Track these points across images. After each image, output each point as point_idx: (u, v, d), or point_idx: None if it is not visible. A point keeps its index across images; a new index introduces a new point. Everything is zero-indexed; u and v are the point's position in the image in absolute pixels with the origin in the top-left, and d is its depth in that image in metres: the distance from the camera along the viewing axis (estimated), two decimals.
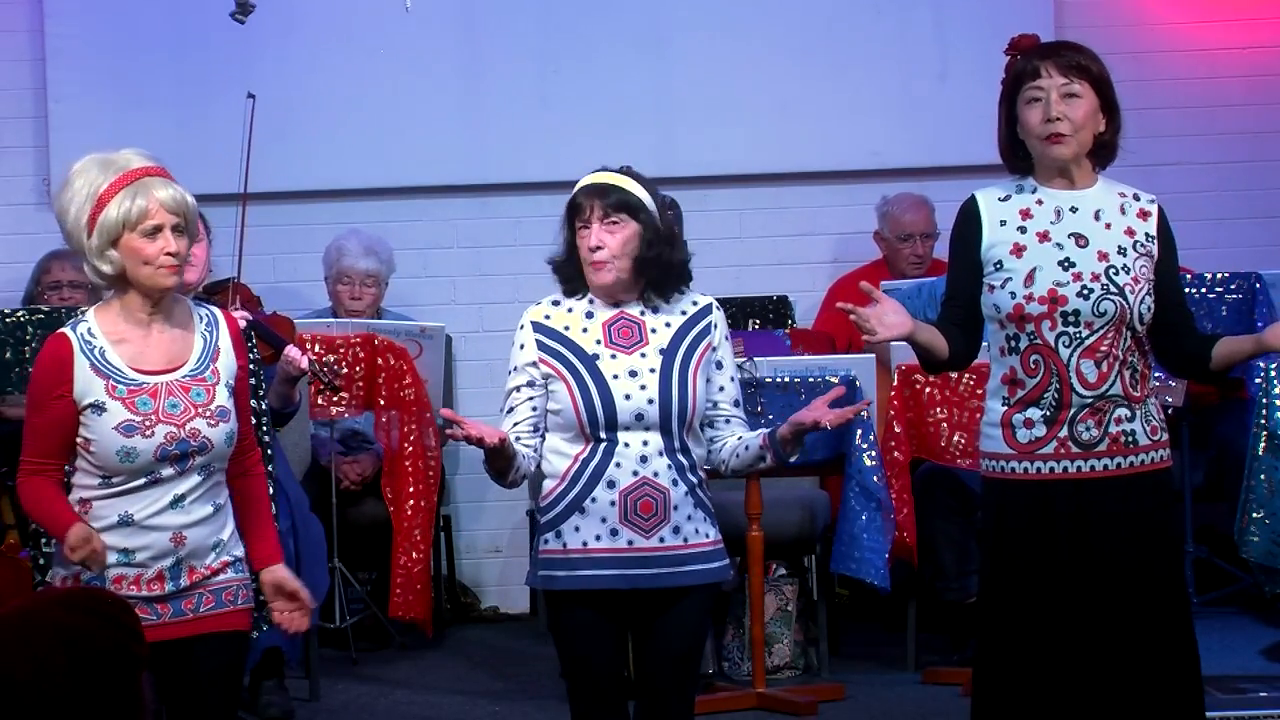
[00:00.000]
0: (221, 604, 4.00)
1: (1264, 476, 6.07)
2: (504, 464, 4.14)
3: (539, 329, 4.19)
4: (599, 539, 4.11)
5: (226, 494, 4.05)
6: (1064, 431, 4.05)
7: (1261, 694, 5.70)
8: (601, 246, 4.14)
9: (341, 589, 6.80)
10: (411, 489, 6.67)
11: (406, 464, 6.69)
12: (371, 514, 6.90)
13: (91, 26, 7.74)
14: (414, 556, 6.62)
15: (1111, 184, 4.17)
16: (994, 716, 4.11)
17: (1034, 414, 4.07)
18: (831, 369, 6.20)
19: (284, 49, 7.70)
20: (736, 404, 4.25)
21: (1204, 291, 6.70)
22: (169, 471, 3.92)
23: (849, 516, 6.11)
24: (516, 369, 4.20)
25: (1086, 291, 4.03)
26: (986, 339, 4.19)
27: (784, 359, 6.36)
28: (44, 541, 5.90)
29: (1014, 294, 4.06)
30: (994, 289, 4.09)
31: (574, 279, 4.22)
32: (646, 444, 4.10)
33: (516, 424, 4.19)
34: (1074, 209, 4.10)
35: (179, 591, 3.96)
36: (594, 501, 4.11)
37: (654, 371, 4.12)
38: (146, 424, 3.90)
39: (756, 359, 6.13)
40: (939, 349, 4.14)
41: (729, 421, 4.24)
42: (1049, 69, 4.06)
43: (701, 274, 6.56)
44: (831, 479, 6.57)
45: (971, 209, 4.16)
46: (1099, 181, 4.15)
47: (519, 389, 4.19)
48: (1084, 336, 4.03)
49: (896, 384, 6.29)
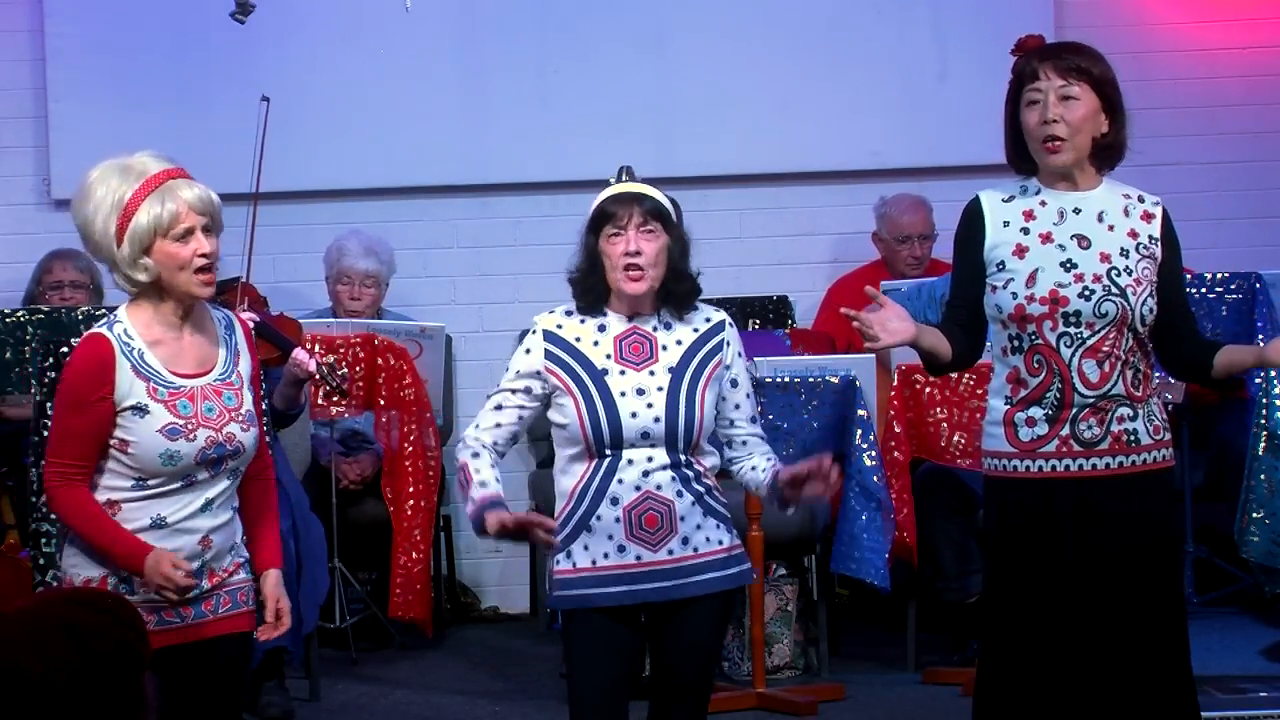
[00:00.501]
0: (237, 605, 4.02)
1: (1264, 476, 6.07)
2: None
3: (550, 338, 4.15)
4: (607, 556, 4.10)
5: (238, 498, 4.05)
6: (1066, 430, 4.06)
7: (1261, 694, 5.70)
8: (640, 252, 4.10)
9: (341, 589, 6.80)
10: (411, 489, 6.67)
11: (406, 464, 6.69)
12: (371, 514, 6.90)
13: (91, 26, 7.74)
14: (414, 556, 6.61)
15: (1116, 186, 4.17)
16: (996, 714, 4.12)
17: (1036, 413, 4.07)
18: (831, 369, 6.20)
19: (284, 49, 7.70)
20: (753, 420, 4.23)
21: (1204, 291, 6.70)
22: (204, 475, 3.92)
23: (849, 516, 6.11)
24: (519, 374, 4.16)
25: (1088, 293, 4.03)
26: (990, 339, 4.20)
27: (784, 359, 6.36)
28: (44, 541, 5.91)
29: (1015, 294, 4.06)
30: (996, 289, 4.10)
31: (594, 293, 4.15)
32: (651, 459, 4.08)
33: (499, 425, 4.16)
34: (1077, 210, 4.11)
35: (201, 594, 3.96)
36: (599, 519, 4.09)
37: (661, 390, 4.09)
38: (189, 427, 3.88)
39: (756, 359, 6.13)
40: (942, 352, 4.14)
41: (745, 443, 4.22)
42: (1047, 71, 4.07)
43: (702, 274, 6.62)
44: None
45: (975, 209, 4.17)
46: (1103, 183, 4.16)
47: (515, 392, 4.16)
48: (1085, 337, 4.04)
49: (896, 384, 6.29)
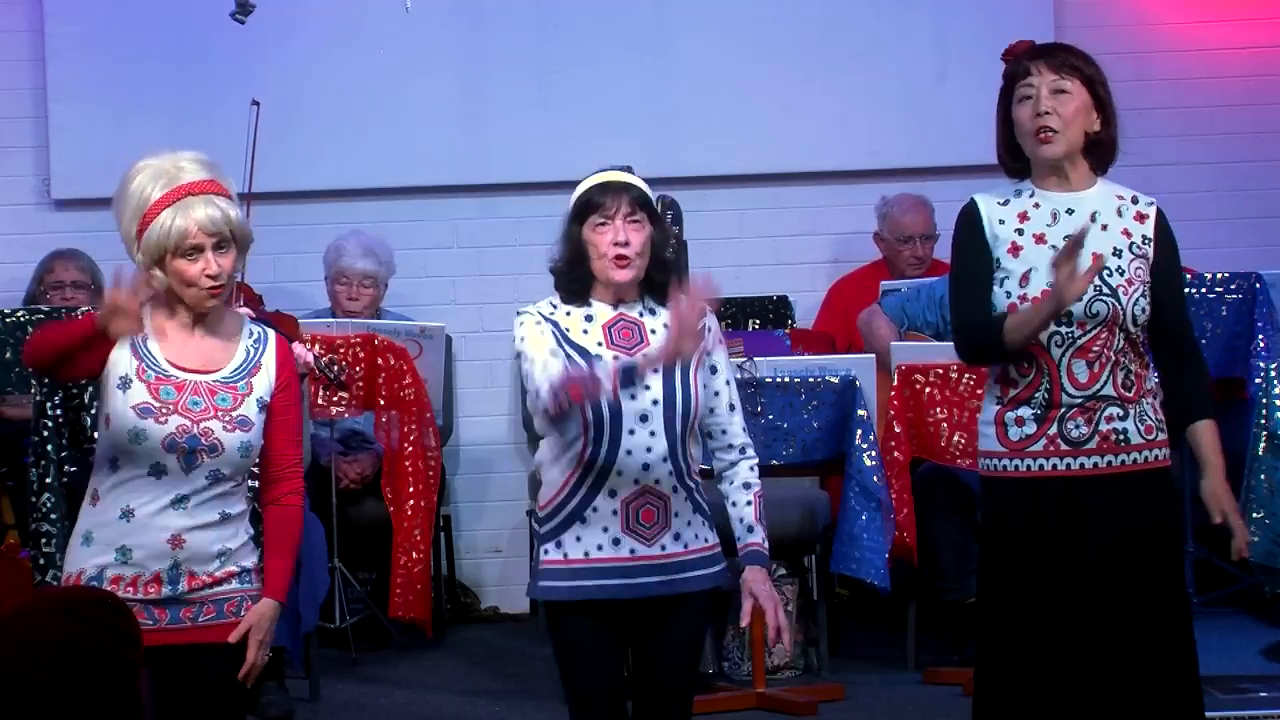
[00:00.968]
0: (223, 615, 3.97)
1: (1264, 476, 6.07)
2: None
3: (547, 319, 4.12)
4: (600, 548, 4.07)
5: (244, 506, 4.01)
6: (1053, 429, 4.07)
7: (1261, 694, 5.71)
8: (629, 242, 4.08)
9: (341, 589, 6.80)
10: (411, 489, 6.67)
11: (406, 464, 6.69)
12: (371, 514, 6.90)
13: (91, 26, 7.75)
14: (414, 556, 6.62)
15: (1111, 186, 4.18)
16: (995, 714, 4.12)
17: (1025, 412, 4.08)
18: (831, 369, 6.20)
19: (285, 49, 7.71)
20: (733, 408, 4.21)
21: (1204, 291, 6.71)
22: (174, 466, 3.92)
23: (849, 516, 6.11)
24: (538, 342, 4.05)
25: (1079, 293, 4.04)
26: None
27: (784, 359, 6.36)
28: (44, 541, 5.92)
29: (1009, 293, 4.07)
30: (991, 288, 4.10)
31: (578, 284, 4.13)
32: (650, 450, 4.05)
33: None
34: (1070, 211, 4.11)
35: (178, 598, 3.94)
36: (595, 511, 4.06)
37: (657, 372, 4.08)
38: (162, 411, 3.91)
39: (756, 359, 6.14)
40: (1026, 342, 4.08)
41: (725, 431, 4.19)
42: (1039, 68, 4.09)
43: (702, 274, 6.62)
44: (831, 479, 6.57)
45: (972, 211, 4.17)
46: (1098, 184, 4.16)
47: (539, 340, 4.04)
48: (1076, 337, 4.05)
49: (896, 384, 6.29)
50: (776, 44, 7.82)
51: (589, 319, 4.13)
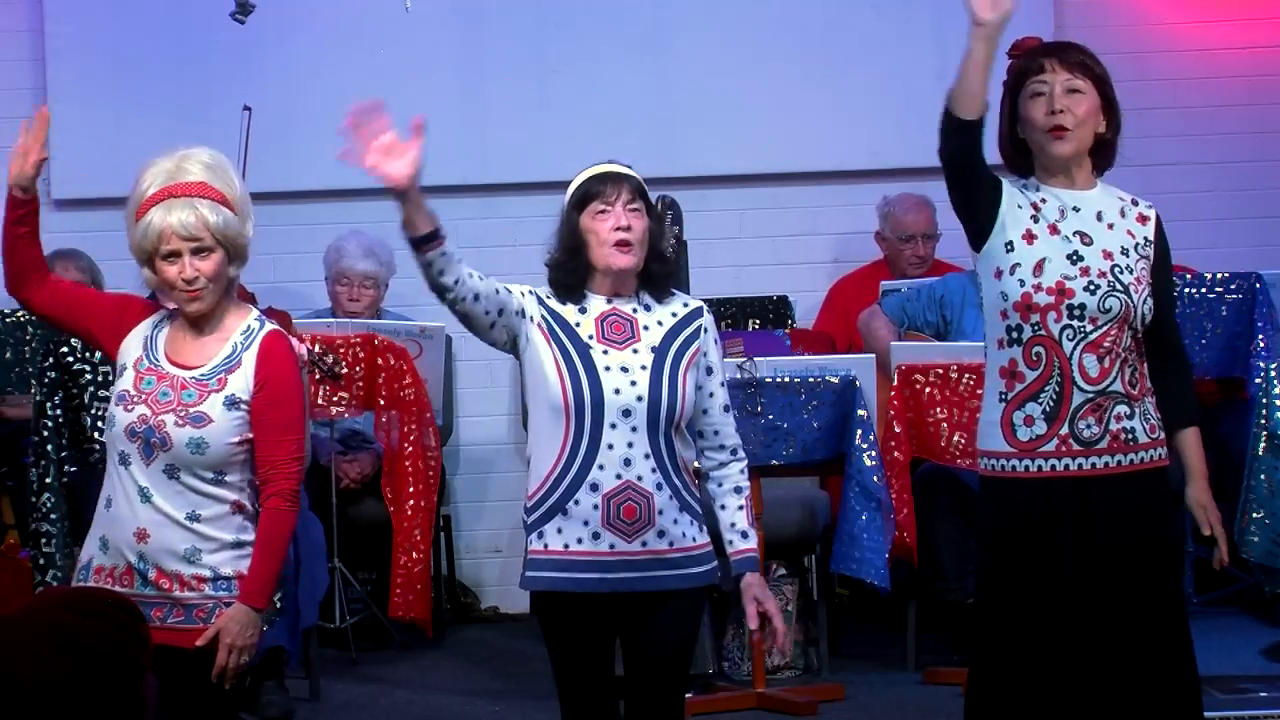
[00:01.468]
0: (191, 620, 3.95)
1: (1264, 476, 6.07)
2: (414, 214, 4.21)
3: (540, 301, 4.12)
4: (580, 541, 4.06)
5: (224, 510, 3.98)
6: (1065, 429, 4.05)
7: (1261, 694, 5.71)
8: (630, 228, 4.09)
9: (341, 589, 6.80)
10: (411, 489, 6.67)
11: (406, 464, 6.69)
12: (371, 514, 6.90)
13: (91, 26, 7.75)
14: (414, 556, 6.61)
15: (1110, 188, 4.18)
16: (991, 714, 4.11)
17: (1034, 410, 4.07)
18: (831, 369, 6.20)
19: (285, 50, 7.71)
20: (726, 409, 4.21)
21: (1204, 291, 6.71)
22: (136, 457, 3.95)
23: (849, 516, 6.11)
24: (510, 289, 4.10)
25: (1093, 287, 4.04)
26: (984, 333, 4.18)
27: (784, 359, 6.36)
28: (44, 541, 5.92)
29: (1023, 281, 4.06)
30: (1003, 274, 4.08)
31: (575, 277, 4.13)
32: (631, 445, 4.04)
33: (497, 290, 4.07)
34: (1076, 209, 4.12)
35: (147, 597, 3.92)
36: (577, 504, 4.06)
37: (645, 369, 4.07)
38: (133, 400, 3.97)
39: (756, 359, 6.13)
40: (980, 91, 4.05)
41: (718, 432, 4.19)
42: (1053, 65, 4.08)
43: (701, 274, 6.63)
44: (831, 479, 6.57)
45: (997, 182, 4.13)
46: (1098, 185, 4.17)
47: (510, 288, 4.10)
48: (1088, 331, 4.04)
49: (896, 384, 6.29)
50: (776, 44, 7.82)
51: (582, 311, 4.13)
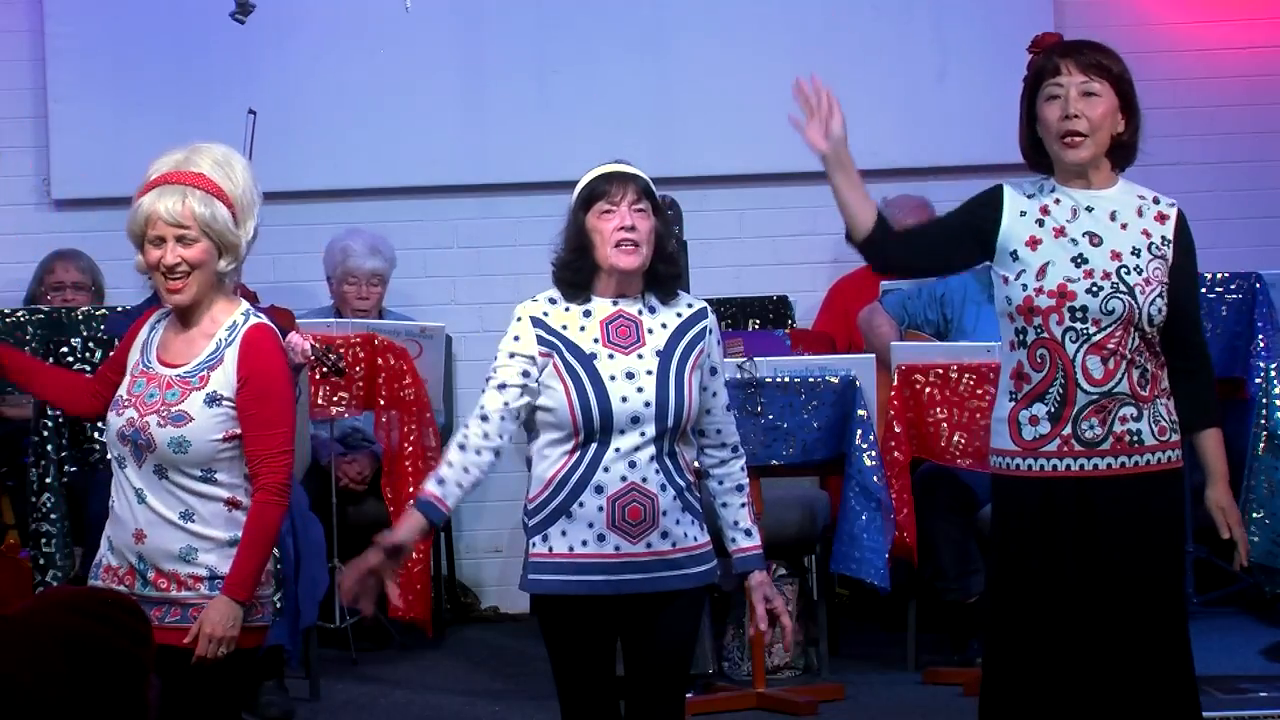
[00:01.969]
0: (186, 619, 3.95)
1: (1264, 476, 6.07)
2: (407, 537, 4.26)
3: (538, 324, 4.10)
4: (585, 544, 4.07)
5: (214, 508, 3.97)
6: (1067, 429, 4.05)
7: (1261, 694, 5.71)
8: (635, 227, 4.07)
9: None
10: (411, 489, 6.66)
11: (406, 464, 6.69)
12: (371, 514, 6.89)
13: (91, 26, 7.74)
14: (414, 556, 6.61)
15: (1132, 186, 4.16)
16: (1002, 712, 4.11)
17: (1039, 410, 4.07)
18: (831, 369, 6.20)
19: (284, 50, 7.71)
20: (727, 408, 4.22)
21: (1204, 291, 6.70)
22: (129, 459, 3.98)
23: (849, 516, 6.11)
24: (513, 355, 4.08)
25: (1096, 289, 4.03)
26: (999, 335, 4.19)
27: (784, 359, 6.36)
28: (44, 541, 5.92)
29: (1025, 286, 4.07)
30: (1008, 280, 4.09)
31: (581, 276, 4.11)
32: (637, 449, 4.05)
33: (506, 404, 4.06)
34: (1090, 209, 4.11)
35: (147, 597, 3.92)
36: (581, 507, 4.06)
37: (650, 374, 4.07)
38: (124, 404, 3.99)
39: (756, 359, 6.13)
40: (857, 211, 4.16)
41: (720, 430, 4.20)
42: (1069, 66, 4.06)
43: (701, 274, 6.63)
44: (831, 479, 6.57)
45: (997, 195, 4.16)
46: (1119, 183, 4.15)
47: (515, 377, 4.06)
48: (1091, 333, 4.04)
49: (896, 384, 6.29)
50: (776, 44, 7.81)
51: (587, 314, 4.12)
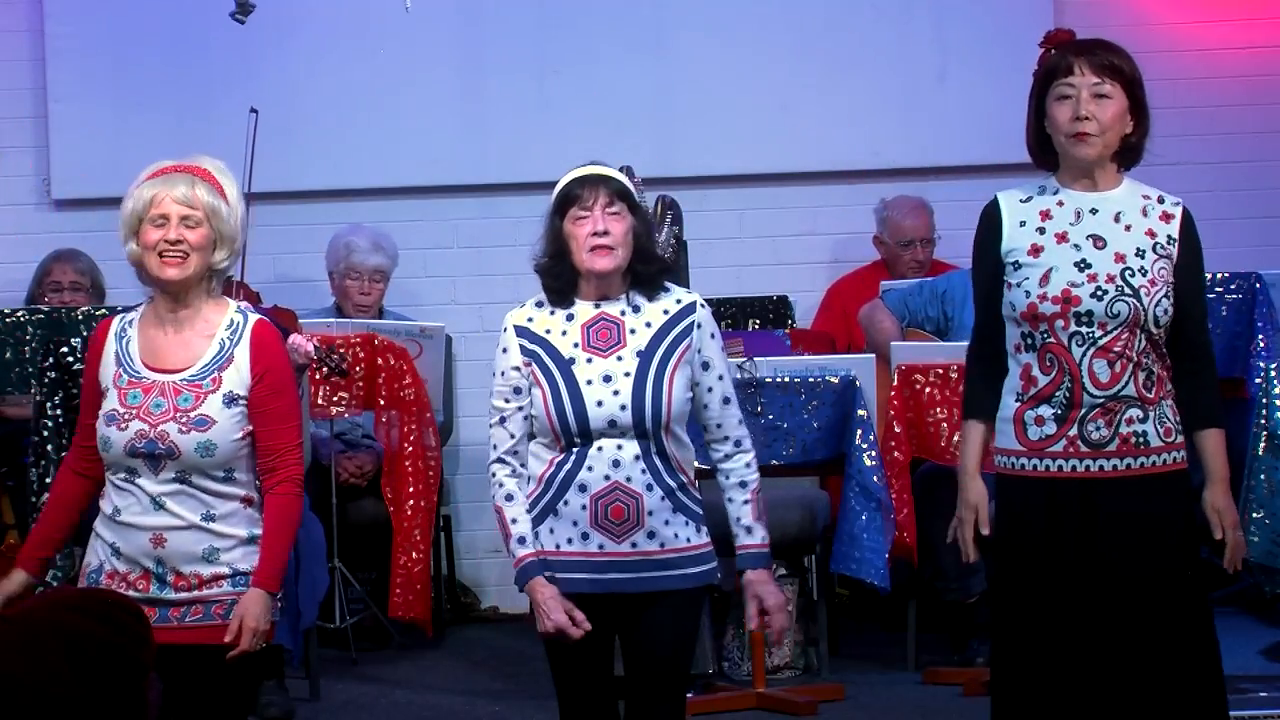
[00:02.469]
0: (210, 617, 3.97)
1: (1264, 476, 6.07)
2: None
3: (521, 333, 4.15)
4: (570, 542, 4.09)
5: (235, 505, 4.00)
6: (1073, 430, 4.05)
7: (1261, 694, 5.70)
8: (608, 231, 4.10)
9: (341, 589, 6.80)
10: (411, 489, 6.67)
11: (406, 464, 6.69)
12: (371, 514, 6.90)
13: (91, 27, 7.74)
14: (414, 556, 6.61)
15: (1137, 186, 4.15)
16: (1014, 713, 4.11)
17: (1045, 411, 4.06)
18: (831, 369, 6.20)
19: (284, 50, 7.70)
20: (727, 401, 4.20)
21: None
22: (144, 470, 3.95)
23: (849, 516, 6.11)
24: (504, 373, 4.15)
25: (1100, 293, 4.02)
26: (1005, 338, 4.18)
27: (784, 359, 6.36)
28: None
29: (1029, 293, 4.06)
30: (1011, 287, 4.09)
31: (562, 280, 4.15)
32: (621, 448, 4.06)
33: (513, 436, 4.14)
34: (1094, 210, 4.09)
35: (165, 598, 3.94)
36: (566, 505, 4.08)
37: (629, 375, 4.08)
38: (125, 417, 3.94)
39: (756, 359, 6.13)
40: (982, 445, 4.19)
41: (720, 425, 4.19)
42: (1081, 67, 4.05)
43: (701, 274, 6.62)
44: (831, 479, 6.57)
45: (993, 212, 4.15)
46: (1124, 183, 4.14)
47: (509, 399, 4.14)
48: (1097, 337, 4.03)
49: (896, 384, 6.29)
50: (776, 44, 7.81)
51: (570, 318, 4.15)
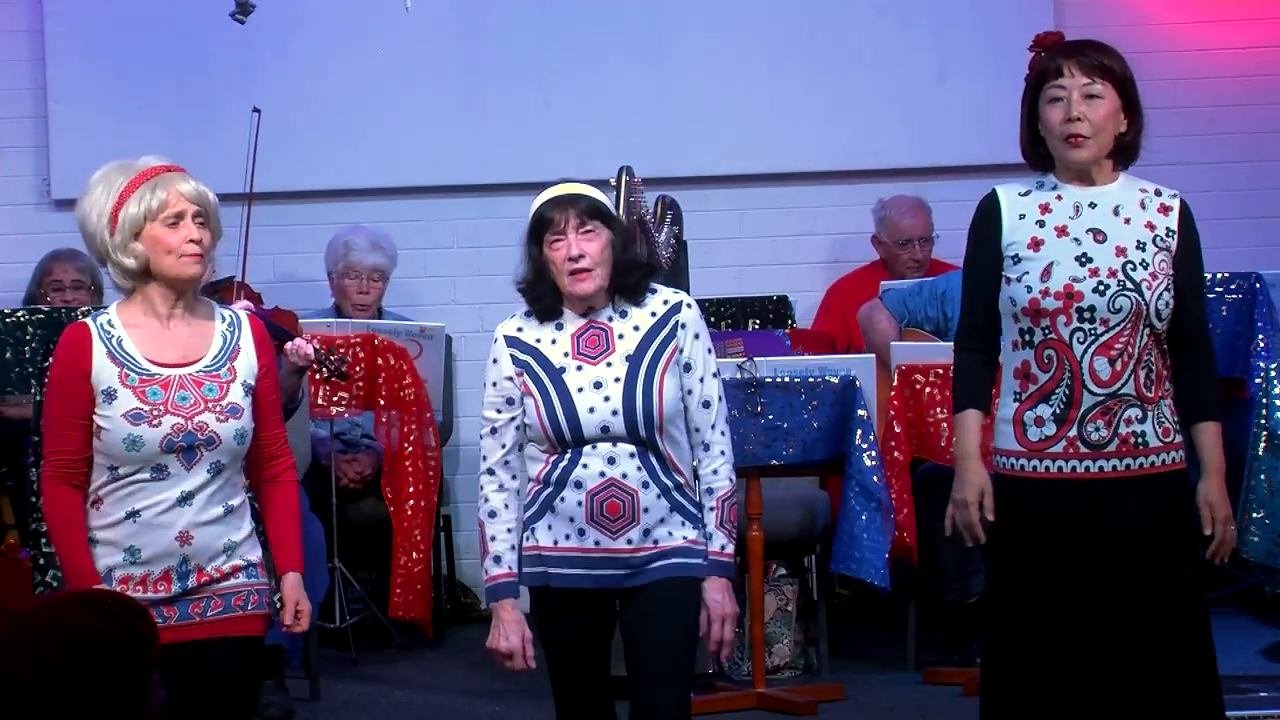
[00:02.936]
0: (230, 609, 4.00)
1: (1264, 476, 6.06)
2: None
3: (512, 343, 4.19)
4: (567, 538, 4.11)
5: (244, 497, 4.04)
6: (1073, 431, 4.05)
7: (1261, 694, 5.70)
8: (583, 255, 4.12)
9: (341, 589, 6.80)
10: (411, 489, 6.67)
11: (406, 464, 6.69)
12: (371, 514, 6.90)
13: (91, 27, 7.75)
14: (414, 556, 6.61)
15: (1133, 180, 4.16)
16: (1003, 713, 4.11)
17: (1044, 411, 4.07)
18: (831, 369, 6.19)
19: (284, 50, 7.71)
20: (707, 405, 4.18)
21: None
22: (176, 465, 3.93)
23: (849, 516, 6.11)
24: (496, 384, 4.19)
25: (1103, 287, 4.03)
26: (1002, 334, 4.18)
27: (784, 359, 6.36)
28: (44, 541, 5.91)
29: (1030, 288, 4.06)
30: (1010, 282, 4.09)
31: (545, 299, 4.19)
32: (615, 445, 4.09)
33: (504, 446, 4.17)
34: (1093, 205, 4.10)
35: (186, 594, 3.97)
36: (563, 502, 4.10)
37: (619, 381, 4.10)
38: (154, 414, 3.91)
39: (756, 359, 6.13)
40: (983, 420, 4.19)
41: (698, 429, 4.18)
42: (1071, 68, 4.05)
43: (701, 274, 6.63)
44: (831, 479, 6.57)
45: (991, 204, 4.15)
46: (1120, 178, 4.15)
47: (500, 410, 4.17)
48: (1099, 333, 4.03)
49: (896, 384, 6.29)
50: (776, 44, 7.81)
51: (559, 328, 4.19)
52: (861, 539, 6.08)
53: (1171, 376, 4.13)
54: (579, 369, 4.12)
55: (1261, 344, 6.67)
